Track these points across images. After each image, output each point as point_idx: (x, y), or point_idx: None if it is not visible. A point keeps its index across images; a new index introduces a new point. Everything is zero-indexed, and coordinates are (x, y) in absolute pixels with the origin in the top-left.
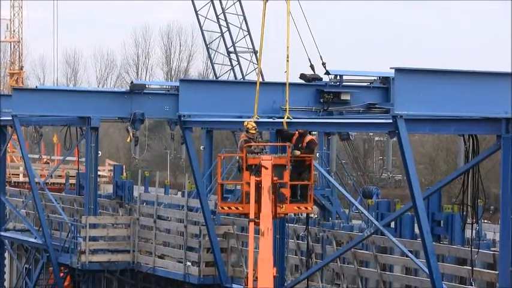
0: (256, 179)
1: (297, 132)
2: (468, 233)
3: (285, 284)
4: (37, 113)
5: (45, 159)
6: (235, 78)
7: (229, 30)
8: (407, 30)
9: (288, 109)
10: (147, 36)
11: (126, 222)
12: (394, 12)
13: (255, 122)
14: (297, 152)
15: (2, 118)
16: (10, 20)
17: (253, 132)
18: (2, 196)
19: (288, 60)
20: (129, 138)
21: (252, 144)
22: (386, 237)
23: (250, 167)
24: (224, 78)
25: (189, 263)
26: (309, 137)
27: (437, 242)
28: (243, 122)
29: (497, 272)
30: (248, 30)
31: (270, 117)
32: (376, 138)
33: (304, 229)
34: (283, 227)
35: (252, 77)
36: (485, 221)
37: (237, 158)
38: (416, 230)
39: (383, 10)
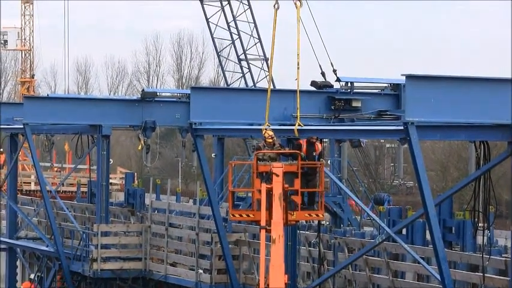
0: (267, 186)
1: (301, 140)
2: (480, 240)
3: None
4: (48, 121)
5: (56, 168)
6: (247, 85)
7: (240, 37)
8: (418, 36)
9: (299, 116)
10: (158, 44)
11: (138, 230)
12: (405, 18)
13: (272, 130)
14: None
15: (13, 126)
16: (21, 28)
17: (270, 141)
18: (14, 204)
19: (298, 68)
20: (140, 146)
21: (262, 151)
22: (398, 244)
23: (261, 174)
24: (235, 85)
25: (200, 271)
26: (319, 145)
27: (449, 248)
28: (261, 130)
29: (509, 279)
30: (259, 38)
31: (281, 125)
32: (388, 145)
33: (315, 236)
34: (294, 234)
35: (263, 84)
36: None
37: None
38: (428, 237)
39: (394, 17)
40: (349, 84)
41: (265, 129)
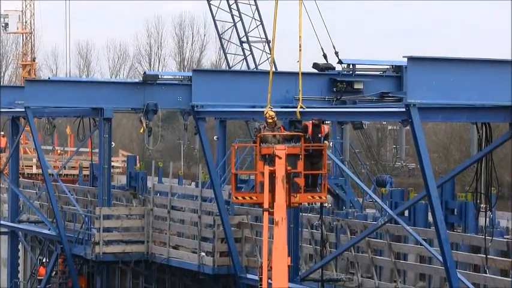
0: (270, 168)
1: (307, 122)
2: (482, 221)
3: (300, 273)
4: (50, 104)
5: (58, 151)
6: (248, 68)
7: (241, 20)
8: (420, 19)
9: (301, 99)
10: (160, 27)
11: (140, 213)
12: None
13: (273, 111)
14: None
15: (15, 110)
16: (22, 11)
17: (271, 121)
18: (16, 188)
19: (300, 50)
20: (142, 129)
21: (264, 133)
22: (400, 226)
23: (264, 156)
24: (237, 68)
25: (203, 253)
26: (326, 127)
27: (451, 230)
28: (263, 111)
29: (511, 260)
30: (261, 20)
31: (283, 107)
32: (389, 127)
33: (318, 218)
34: (297, 217)
35: (265, 66)
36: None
37: None
38: (430, 219)
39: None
40: (351, 66)
41: (265, 111)
